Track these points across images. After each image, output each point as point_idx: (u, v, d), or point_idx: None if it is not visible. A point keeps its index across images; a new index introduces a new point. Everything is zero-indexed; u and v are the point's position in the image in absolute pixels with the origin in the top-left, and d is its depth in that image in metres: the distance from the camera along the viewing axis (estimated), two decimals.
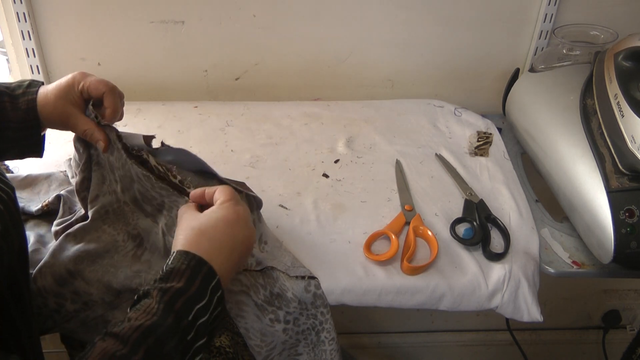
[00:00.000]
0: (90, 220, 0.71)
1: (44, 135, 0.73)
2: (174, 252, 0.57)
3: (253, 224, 0.67)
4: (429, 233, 0.80)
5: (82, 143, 0.73)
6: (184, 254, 0.56)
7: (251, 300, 0.70)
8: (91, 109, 0.70)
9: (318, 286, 0.72)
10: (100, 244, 0.70)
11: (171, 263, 0.55)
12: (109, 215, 0.72)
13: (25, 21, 1.06)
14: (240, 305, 0.70)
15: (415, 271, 0.75)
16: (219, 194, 0.63)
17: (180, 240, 0.58)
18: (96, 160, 0.73)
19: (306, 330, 0.73)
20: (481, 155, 0.99)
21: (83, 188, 0.74)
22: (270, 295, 0.71)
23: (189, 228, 0.59)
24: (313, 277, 0.72)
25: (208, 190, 0.65)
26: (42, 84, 0.71)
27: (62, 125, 0.71)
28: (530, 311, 0.76)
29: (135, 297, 0.53)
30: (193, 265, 0.55)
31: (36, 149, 0.72)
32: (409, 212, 0.85)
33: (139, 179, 0.70)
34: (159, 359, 0.49)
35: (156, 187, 0.69)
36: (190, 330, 0.52)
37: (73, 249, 0.69)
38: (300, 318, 0.72)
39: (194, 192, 0.66)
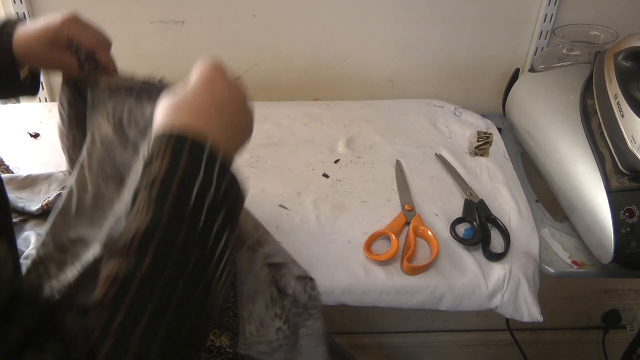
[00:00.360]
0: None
1: (38, 73, 0.71)
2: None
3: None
4: (429, 233, 0.80)
5: (69, 97, 0.70)
6: (159, 135, 0.46)
7: (267, 290, 0.70)
8: (84, 61, 0.69)
9: (314, 287, 0.72)
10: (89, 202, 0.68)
11: (149, 152, 0.46)
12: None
13: (25, 21, 1.06)
14: (257, 290, 0.70)
15: (415, 271, 0.76)
16: (195, 66, 0.53)
17: (155, 124, 0.48)
18: (82, 114, 0.70)
19: (291, 335, 0.72)
20: (481, 155, 0.99)
21: (75, 148, 0.72)
22: (278, 291, 0.71)
23: (162, 107, 0.49)
24: (312, 279, 0.72)
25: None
26: (17, 22, 0.68)
27: (48, 67, 0.70)
28: (530, 311, 0.76)
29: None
30: (173, 142, 0.45)
31: (23, 89, 0.70)
32: (409, 212, 0.85)
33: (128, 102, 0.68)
34: (172, 258, 0.41)
35: (145, 106, 0.67)
36: (198, 215, 0.43)
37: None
38: (290, 317, 0.72)
39: None
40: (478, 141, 1.01)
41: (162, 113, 0.48)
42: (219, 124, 0.48)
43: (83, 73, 0.69)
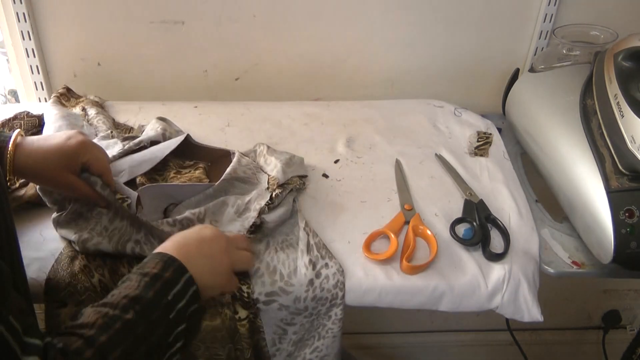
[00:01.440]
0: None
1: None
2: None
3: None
4: (429, 232, 0.80)
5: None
6: (157, 254, 0.60)
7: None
8: (94, 179, 0.74)
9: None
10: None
11: (145, 260, 0.59)
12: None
13: (25, 21, 1.06)
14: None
15: (415, 270, 0.75)
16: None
17: (166, 244, 0.63)
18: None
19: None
20: (481, 155, 0.99)
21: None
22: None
23: (166, 243, 0.63)
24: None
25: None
26: (9, 137, 0.70)
27: (55, 187, 0.74)
28: (530, 311, 0.76)
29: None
30: (165, 259, 0.58)
31: None
32: (408, 212, 0.85)
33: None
34: (148, 324, 0.53)
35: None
36: (171, 310, 0.55)
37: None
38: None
39: None
40: (478, 141, 1.01)
41: (164, 246, 0.62)
42: (201, 269, 0.61)
43: (93, 194, 0.74)
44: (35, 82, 1.13)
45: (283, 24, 1.10)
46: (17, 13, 1.05)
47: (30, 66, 1.11)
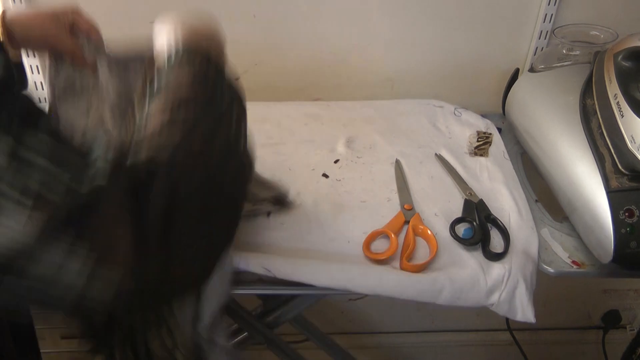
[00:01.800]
0: None
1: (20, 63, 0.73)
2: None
3: None
4: (428, 232, 0.80)
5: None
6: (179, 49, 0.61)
7: None
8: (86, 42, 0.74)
9: None
10: None
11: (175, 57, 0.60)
12: None
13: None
14: None
15: (415, 270, 0.75)
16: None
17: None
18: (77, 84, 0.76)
19: None
20: (481, 155, 0.99)
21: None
22: None
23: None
24: None
25: None
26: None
27: (51, 47, 0.73)
28: (524, 311, 0.76)
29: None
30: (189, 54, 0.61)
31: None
32: (408, 211, 0.85)
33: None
34: (209, 112, 0.55)
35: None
36: (220, 91, 0.59)
37: None
38: None
39: None
40: (478, 141, 1.02)
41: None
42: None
43: (84, 55, 0.74)
44: (35, 82, 1.14)
45: (283, 24, 1.10)
46: None
47: (30, 66, 1.12)
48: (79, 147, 0.46)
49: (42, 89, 1.14)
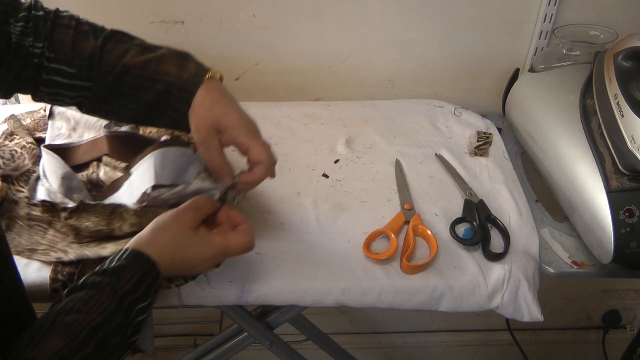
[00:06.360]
0: None
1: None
2: (128, 249, 0.60)
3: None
4: (429, 232, 0.80)
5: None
6: (139, 255, 0.60)
7: None
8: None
9: None
10: None
11: (124, 259, 0.59)
12: None
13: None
14: None
15: (415, 270, 0.76)
16: (237, 235, 0.67)
17: (146, 237, 0.63)
18: None
19: None
20: (481, 155, 0.99)
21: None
22: None
23: (167, 234, 0.64)
24: None
25: (232, 213, 0.69)
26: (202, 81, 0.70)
27: (197, 140, 0.70)
28: (530, 311, 0.76)
29: (81, 282, 0.57)
30: (145, 269, 0.59)
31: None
32: (408, 212, 0.85)
33: None
34: (105, 352, 0.53)
35: None
36: (130, 327, 0.57)
37: None
38: None
39: (221, 208, 0.70)
40: (478, 141, 1.01)
41: (160, 239, 0.63)
42: (174, 269, 0.64)
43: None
44: None
45: (283, 24, 1.10)
46: None
47: None
48: None
49: None
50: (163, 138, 0.85)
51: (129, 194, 0.77)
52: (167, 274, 0.63)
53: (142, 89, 0.69)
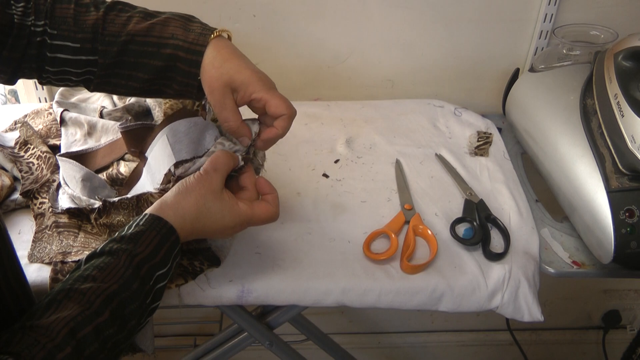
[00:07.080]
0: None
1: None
2: (147, 214, 0.59)
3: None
4: (429, 232, 0.80)
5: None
6: (157, 220, 0.59)
7: None
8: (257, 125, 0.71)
9: None
10: None
11: (142, 224, 0.58)
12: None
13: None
14: None
15: (415, 270, 0.76)
16: (264, 205, 0.67)
17: (169, 202, 0.61)
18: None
19: None
20: (481, 155, 0.99)
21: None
22: None
23: (189, 198, 0.62)
24: None
25: (258, 180, 0.69)
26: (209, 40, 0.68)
27: (212, 102, 0.68)
28: (531, 311, 0.76)
29: (99, 248, 0.56)
30: (163, 234, 0.58)
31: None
32: (408, 211, 0.85)
33: None
34: (121, 320, 0.53)
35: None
36: (149, 294, 0.56)
37: None
38: None
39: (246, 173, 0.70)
40: (478, 141, 1.01)
41: (181, 204, 0.61)
42: (195, 234, 0.62)
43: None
44: (35, 82, 1.13)
45: (283, 24, 1.10)
46: None
47: None
48: None
49: (43, 89, 1.14)
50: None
51: (151, 179, 0.76)
52: (188, 239, 0.62)
53: (149, 56, 0.68)
